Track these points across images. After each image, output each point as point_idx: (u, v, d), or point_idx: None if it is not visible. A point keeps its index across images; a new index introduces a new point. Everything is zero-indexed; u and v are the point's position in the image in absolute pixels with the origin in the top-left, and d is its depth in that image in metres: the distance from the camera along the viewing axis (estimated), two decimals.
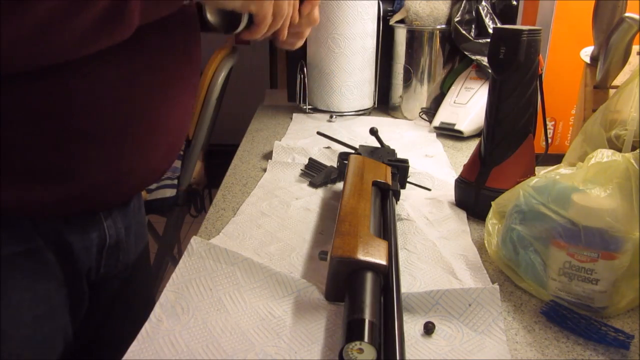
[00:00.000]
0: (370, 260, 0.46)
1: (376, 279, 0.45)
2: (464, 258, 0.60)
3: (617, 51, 0.72)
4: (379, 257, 0.47)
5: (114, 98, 0.51)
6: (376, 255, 0.47)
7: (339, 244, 0.48)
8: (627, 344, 0.45)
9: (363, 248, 0.47)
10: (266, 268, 0.53)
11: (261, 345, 0.45)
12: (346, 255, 0.46)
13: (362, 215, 0.54)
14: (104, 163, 0.54)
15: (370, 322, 0.39)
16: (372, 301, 0.42)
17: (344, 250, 0.47)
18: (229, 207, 0.74)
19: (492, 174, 0.69)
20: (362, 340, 0.37)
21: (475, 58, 1.15)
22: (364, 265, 0.46)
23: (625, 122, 0.65)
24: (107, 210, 0.62)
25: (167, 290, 0.50)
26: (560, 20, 0.86)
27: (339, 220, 0.53)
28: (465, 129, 1.08)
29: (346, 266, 0.46)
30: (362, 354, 0.37)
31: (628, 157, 0.49)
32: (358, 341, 0.37)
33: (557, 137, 0.93)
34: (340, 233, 0.50)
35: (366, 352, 0.37)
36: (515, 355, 0.45)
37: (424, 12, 1.19)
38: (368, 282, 0.44)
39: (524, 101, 0.66)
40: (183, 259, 0.54)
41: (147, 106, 0.55)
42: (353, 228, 0.51)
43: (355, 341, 0.37)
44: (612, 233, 0.46)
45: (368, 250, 0.47)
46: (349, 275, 0.46)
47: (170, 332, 0.46)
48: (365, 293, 0.43)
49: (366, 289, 0.43)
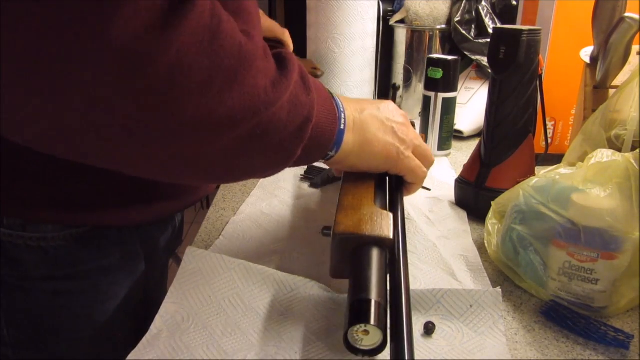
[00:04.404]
0: (375, 234, 0.43)
1: (382, 255, 0.42)
2: (464, 259, 0.60)
3: (617, 51, 0.72)
4: (383, 231, 0.44)
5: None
6: (381, 229, 0.44)
7: (341, 219, 0.45)
8: (626, 344, 0.45)
9: (367, 222, 0.45)
10: (263, 269, 0.53)
11: (261, 345, 0.45)
12: (349, 231, 0.44)
13: (365, 187, 0.51)
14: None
15: (377, 302, 0.36)
16: (378, 279, 0.39)
17: (347, 225, 0.44)
18: (229, 207, 0.74)
19: (492, 174, 0.69)
20: (367, 323, 0.35)
21: (475, 58, 1.15)
22: (368, 240, 0.43)
23: (625, 122, 0.65)
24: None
25: (167, 302, 0.50)
26: (560, 20, 0.86)
27: (341, 193, 0.51)
28: (465, 129, 1.08)
29: (350, 242, 0.44)
30: (368, 335, 0.36)
31: (628, 157, 0.49)
32: (363, 324, 0.35)
33: (557, 137, 0.93)
34: (343, 207, 0.48)
35: (372, 334, 0.36)
36: (515, 355, 0.45)
37: (424, 12, 1.19)
38: (373, 258, 0.42)
39: (524, 101, 0.66)
40: (180, 269, 0.54)
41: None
42: (357, 200, 0.48)
43: (360, 324, 0.35)
44: (612, 233, 0.46)
45: (372, 224, 0.44)
46: (354, 251, 0.43)
47: (170, 338, 0.46)
48: (370, 271, 0.40)
49: (371, 267, 0.40)
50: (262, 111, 0.36)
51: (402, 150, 0.52)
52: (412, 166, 0.54)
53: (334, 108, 0.46)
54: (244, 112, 0.34)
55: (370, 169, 0.53)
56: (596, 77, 0.77)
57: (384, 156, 0.52)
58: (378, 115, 0.52)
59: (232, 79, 0.33)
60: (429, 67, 0.95)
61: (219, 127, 0.34)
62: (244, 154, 0.38)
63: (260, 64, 0.36)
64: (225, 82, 0.33)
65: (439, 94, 0.94)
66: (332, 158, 0.49)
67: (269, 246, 0.62)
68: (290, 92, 0.38)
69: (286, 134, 0.39)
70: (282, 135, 0.39)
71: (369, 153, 0.51)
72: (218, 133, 0.35)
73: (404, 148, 0.52)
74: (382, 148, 0.51)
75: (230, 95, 0.33)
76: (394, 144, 0.52)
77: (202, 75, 0.31)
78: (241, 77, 0.34)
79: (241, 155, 0.38)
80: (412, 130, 0.55)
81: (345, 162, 0.51)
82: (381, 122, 0.51)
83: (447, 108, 0.95)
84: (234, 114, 0.34)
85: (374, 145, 0.51)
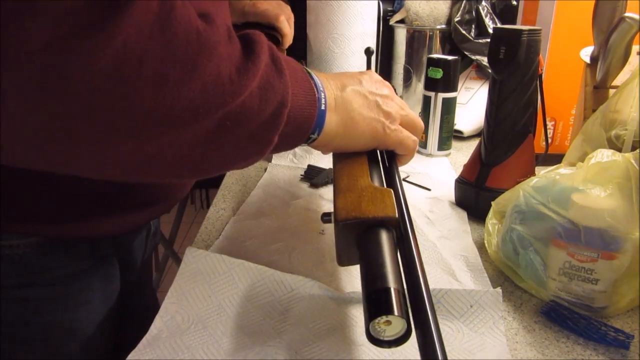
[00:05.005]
0: (380, 215, 0.40)
1: (389, 235, 0.40)
2: (464, 259, 0.60)
3: (617, 51, 0.72)
4: (388, 211, 0.41)
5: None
6: (384, 208, 0.41)
7: (341, 204, 0.43)
8: (627, 344, 0.45)
9: (368, 203, 0.42)
10: (263, 269, 0.53)
11: (261, 345, 0.45)
12: (351, 216, 0.41)
13: (359, 165, 0.48)
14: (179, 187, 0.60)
15: (396, 290, 0.34)
16: (391, 263, 0.36)
17: (348, 210, 0.41)
18: (229, 207, 0.74)
19: (492, 174, 0.69)
20: (389, 314, 0.32)
21: (475, 58, 1.15)
22: (373, 222, 0.40)
23: (625, 122, 0.65)
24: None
25: (167, 302, 0.50)
26: (560, 20, 0.86)
27: (335, 177, 0.48)
28: (465, 129, 1.08)
29: (354, 227, 0.41)
30: (390, 325, 0.33)
31: (628, 157, 0.49)
32: (384, 315, 0.33)
33: (557, 137, 0.93)
34: (340, 190, 0.45)
35: (394, 323, 0.33)
36: (515, 355, 0.45)
37: (424, 12, 1.19)
38: (381, 241, 0.39)
39: (524, 101, 0.66)
40: (180, 270, 0.54)
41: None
42: (352, 181, 0.45)
43: (382, 315, 0.33)
44: (612, 233, 0.46)
45: (375, 204, 0.41)
46: (359, 236, 0.41)
47: (170, 338, 0.46)
48: (382, 256, 0.37)
49: (382, 251, 0.38)
50: (229, 102, 0.34)
51: (388, 125, 0.50)
52: (400, 139, 0.51)
53: (313, 89, 0.43)
54: (207, 104, 0.32)
55: (358, 148, 0.50)
56: (596, 77, 0.77)
57: (370, 133, 0.49)
58: (360, 90, 0.49)
59: (191, 69, 0.31)
60: (429, 67, 0.95)
61: (180, 121, 0.32)
62: (214, 147, 0.36)
63: (223, 51, 0.33)
64: (183, 72, 0.30)
65: (439, 94, 0.94)
66: (315, 141, 0.46)
67: (269, 246, 0.62)
68: (260, 77, 0.36)
69: (259, 123, 0.37)
70: (254, 124, 0.37)
71: (354, 132, 0.48)
72: (180, 127, 0.32)
73: (389, 122, 0.50)
74: (367, 126, 0.48)
75: (190, 87, 0.31)
76: (379, 120, 0.49)
77: (155, 67, 0.29)
78: (201, 66, 0.31)
79: (212, 148, 0.36)
80: (397, 101, 0.52)
81: (331, 144, 0.48)
82: (364, 97, 0.49)
83: (447, 108, 0.95)
84: (196, 106, 0.32)
85: (359, 123, 0.48)
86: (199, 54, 0.31)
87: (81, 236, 0.53)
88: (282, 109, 0.38)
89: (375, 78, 0.52)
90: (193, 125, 0.33)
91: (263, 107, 0.36)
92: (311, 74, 0.45)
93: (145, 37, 0.28)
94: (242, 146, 0.38)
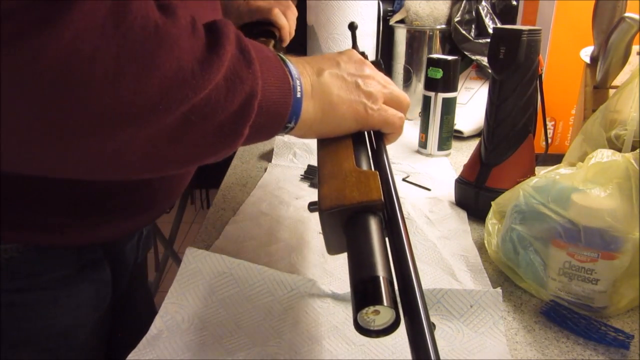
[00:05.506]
0: (363, 200, 0.39)
1: (376, 221, 0.38)
2: (464, 259, 0.60)
3: (617, 51, 0.72)
4: (372, 195, 0.39)
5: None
6: (369, 192, 0.39)
7: (325, 193, 0.41)
8: (627, 344, 0.45)
9: (352, 189, 0.40)
10: (263, 269, 0.53)
11: (261, 345, 0.45)
12: (335, 205, 0.39)
13: (343, 149, 0.46)
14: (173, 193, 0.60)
15: (384, 278, 0.33)
16: (378, 250, 0.35)
17: (331, 199, 0.40)
18: (229, 207, 0.74)
19: (492, 174, 0.69)
20: (376, 304, 0.31)
21: (475, 58, 1.15)
22: (357, 208, 0.39)
23: (625, 122, 0.65)
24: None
25: (167, 302, 0.50)
26: (560, 20, 0.86)
27: (319, 165, 0.46)
28: (465, 129, 1.08)
29: (338, 216, 0.39)
30: (379, 314, 0.32)
31: (628, 157, 0.49)
32: (371, 305, 0.31)
33: (557, 137, 0.93)
34: (324, 178, 0.43)
35: (383, 312, 0.32)
36: (515, 355, 0.45)
37: (424, 12, 1.19)
38: (367, 228, 0.37)
39: (524, 101, 0.66)
40: (180, 270, 0.54)
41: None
42: (336, 167, 0.44)
43: (369, 306, 0.31)
44: (612, 233, 0.46)
45: (359, 189, 0.40)
46: (346, 223, 0.39)
47: (170, 338, 0.46)
48: (367, 244, 0.36)
49: (368, 238, 0.36)
50: (192, 97, 0.32)
51: (370, 105, 0.48)
52: (385, 117, 0.49)
53: (287, 77, 0.42)
54: (167, 100, 0.31)
55: (342, 132, 0.48)
56: (596, 77, 0.77)
57: (352, 117, 0.47)
58: (338, 72, 0.47)
59: (149, 65, 0.30)
60: (429, 67, 0.95)
61: (139, 117, 0.31)
62: (180, 141, 0.35)
63: (185, 44, 0.32)
64: (140, 68, 0.29)
65: (439, 94, 0.94)
66: (293, 129, 0.45)
67: (269, 246, 0.62)
68: (225, 69, 0.35)
69: (227, 115, 0.36)
70: (222, 117, 0.35)
71: (334, 117, 0.46)
72: (140, 124, 0.31)
73: (371, 102, 0.48)
74: (347, 108, 0.47)
75: (148, 83, 0.30)
76: (360, 101, 0.47)
77: (109, 64, 0.28)
78: (160, 61, 0.30)
79: (178, 143, 0.35)
80: (379, 78, 0.50)
81: (310, 131, 0.47)
82: (343, 80, 0.47)
83: (447, 108, 0.95)
84: (155, 102, 0.31)
85: (339, 107, 0.46)
86: (157, 49, 0.30)
87: (69, 244, 0.52)
88: (252, 100, 0.37)
89: (355, 58, 0.50)
90: (154, 122, 0.32)
91: (231, 99, 0.35)
92: (286, 61, 0.43)
93: (97, 33, 0.27)
94: (210, 140, 0.36)
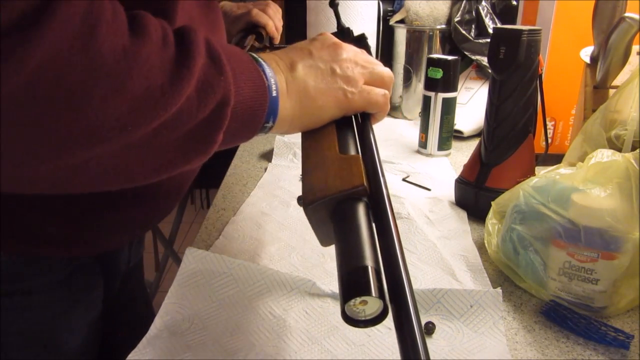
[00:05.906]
0: (345, 189, 0.37)
1: (362, 208, 0.37)
2: (464, 259, 0.60)
3: (617, 51, 0.72)
4: (354, 181, 0.38)
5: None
6: (350, 179, 0.38)
7: (308, 186, 0.40)
8: (627, 344, 0.45)
9: (334, 177, 0.39)
10: (263, 269, 0.53)
11: (261, 345, 0.45)
12: (317, 197, 0.38)
13: (326, 137, 0.45)
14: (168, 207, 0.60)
15: (372, 268, 0.32)
16: (365, 239, 0.34)
17: (314, 191, 0.38)
18: (229, 207, 0.74)
19: (492, 174, 0.69)
20: (365, 295, 0.30)
21: (475, 58, 1.15)
22: (341, 198, 0.37)
23: (625, 122, 0.65)
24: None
25: (167, 302, 0.50)
26: (560, 20, 0.86)
27: (302, 156, 0.45)
28: (465, 129, 1.08)
29: (323, 207, 0.38)
30: (367, 305, 0.32)
31: (628, 157, 0.49)
32: (359, 297, 0.31)
33: (557, 137, 0.93)
34: (307, 170, 0.42)
35: (370, 302, 0.31)
36: (515, 355, 0.45)
37: (424, 12, 1.19)
38: (353, 217, 0.36)
39: (524, 101, 0.66)
40: (180, 270, 0.54)
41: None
42: (319, 157, 0.43)
43: (356, 297, 0.31)
44: (612, 233, 0.46)
45: (342, 178, 0.38)
46: (332, 214, 0.38)
47: (170, 338, 0.46)
48: (353, 233, 0.34)
49: (353, 227, 0.35)
50: (162, 114, 0.32)
51: (350, 90, 0.47)
52: (367, 99, 0.48)
53: (261, 77, 0.41)
54: (136, 119, 0.31)
55: (325, 122, 0.47)
56: (596, 77, 0.77)
57: (333, 105, 0.46)
58: (312, 62, 0.46)
59: (118, 87, 0.30)
60: (429, 67, 0.95)
61: (106, 137, 0.31)
62: (149, 153, 0.34)
63: (155, 62, 0.31)
64: (109, 91, 0.29)
65: (439, 94, 0.94)
66: (272, 128, 0.44)
67: (269, 246, 0.62)
68: (196, 80, 0.34)
69: (197, 124, 0.35)
70: (192, 125, 0.35)
71: (314, 109, 0.45)
72: (107, 142, 0.31)
73: (350, 86, 0.47)
74: (327, 98, 0.46)
75: (117, 104, 0.30)
76: (339, 87, 0.46)
77: (76, 88, 0.28)
78: (129, 82, 0.30)
79: (146, 155, 0.34)
80: (358, 59, 0.49)
81: (292, 127, 0.46)
82: (317, 69, 0.46)
83: (447, 108, 0.95)
84: (124, 123, 0.31)
85: (318, 98, 0.45)
86: (126, 72, 0.30)
87: (59, 254, 0.52)
88: (224, 107, 0.36)
89: (328, 42, 0.48)
90: (123, 139, 0.31)
91: (202, 109, 0.35)
92: (259, 60, 0.43)
93: (63, 59, 0.27)
94: (183, 149, 0.36)
